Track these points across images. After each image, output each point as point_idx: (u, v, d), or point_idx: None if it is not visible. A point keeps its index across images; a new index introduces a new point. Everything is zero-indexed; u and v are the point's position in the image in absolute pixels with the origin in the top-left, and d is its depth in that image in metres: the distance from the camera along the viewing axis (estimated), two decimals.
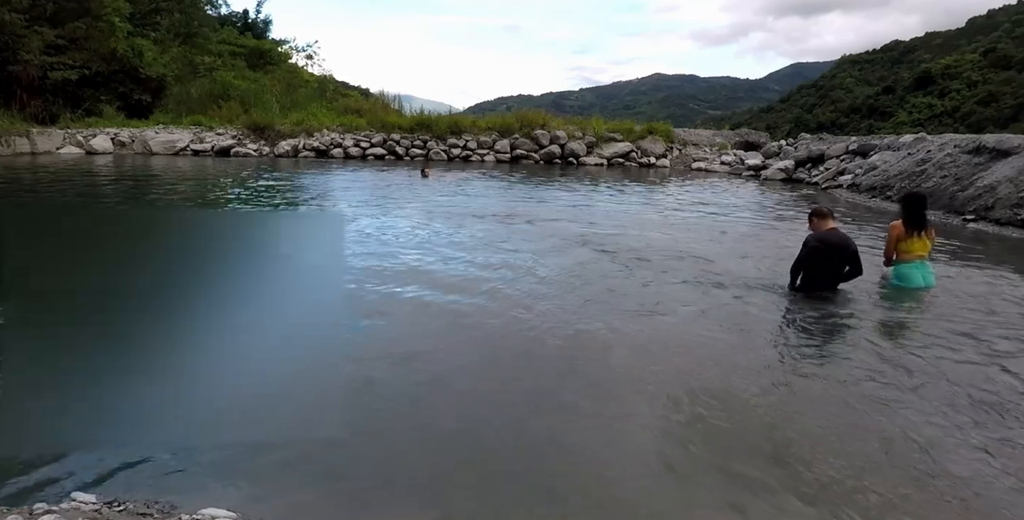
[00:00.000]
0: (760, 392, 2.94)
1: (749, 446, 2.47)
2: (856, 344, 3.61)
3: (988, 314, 4.18)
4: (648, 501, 2.13)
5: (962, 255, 6.26)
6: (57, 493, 2.00)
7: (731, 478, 2.25)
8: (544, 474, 2.27)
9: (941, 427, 2.63)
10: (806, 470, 2.29)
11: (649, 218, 8.25)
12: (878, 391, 2.97)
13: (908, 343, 3.68)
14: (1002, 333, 3.80)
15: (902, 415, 2.73)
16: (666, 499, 2.15)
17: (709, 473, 2.28)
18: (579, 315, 3.98)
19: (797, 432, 2.58)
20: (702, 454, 2.41)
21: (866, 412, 2.76)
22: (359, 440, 2.47)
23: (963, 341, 3.65)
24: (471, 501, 2.10)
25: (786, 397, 2.91)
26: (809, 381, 3.10)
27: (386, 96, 22.60)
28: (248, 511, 1.93)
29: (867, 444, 2.49)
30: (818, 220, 4.64)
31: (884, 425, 2.64)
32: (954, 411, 2.77)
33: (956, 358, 3.40)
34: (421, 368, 3.15)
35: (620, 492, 2.18)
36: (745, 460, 2.36)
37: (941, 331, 3.82)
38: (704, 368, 3.21)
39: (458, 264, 5.26)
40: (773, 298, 4.47)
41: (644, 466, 2.34)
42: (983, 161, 9.41)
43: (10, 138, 14.37)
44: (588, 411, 2.75)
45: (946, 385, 3.05)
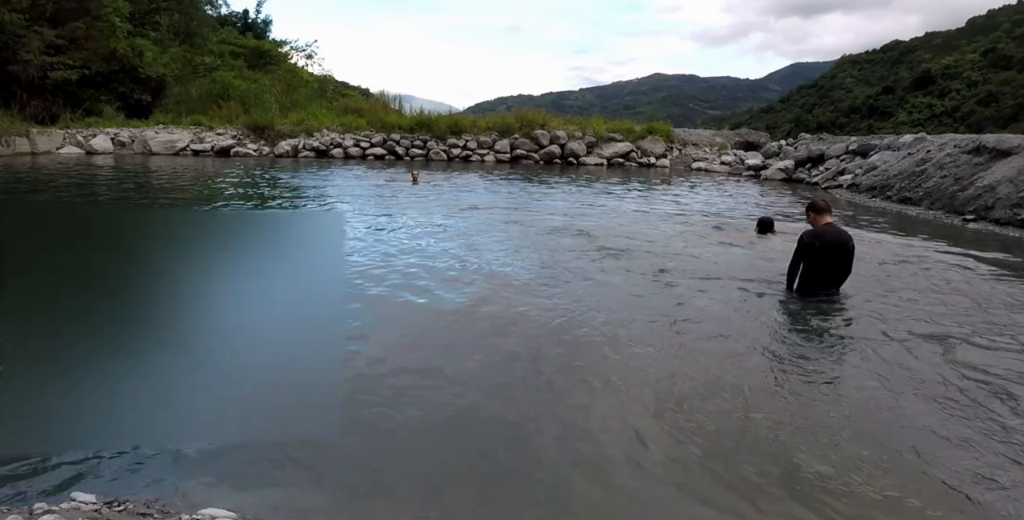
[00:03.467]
0: (757, 391, 2.94)
1: (750, 455, 2.47)
2: (849, 340, 3.61)
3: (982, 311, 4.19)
4: (649, 500, 2.13)
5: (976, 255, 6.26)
6: (57, 493, 2.00)
7: (738, 489, 2.25)
8: (544, 473, 2.27)
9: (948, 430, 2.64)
10: (806, 465, 2.29)
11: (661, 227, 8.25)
12: (874, 390, 2.97)
13: (892, 337, 3.68)
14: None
15: (901, 412, 2.74)
16: (666, 499, 2.16)
17: (711, 475, 2.28)
18: (577, 312, 3.98)
19: (794, 428, 2.58)
20: (704, 455, 2.41)
21: (864, 412, 2.77)
22: (359, 440, 2.47)
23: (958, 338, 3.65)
24: (471, 501, 2.10)
25: (783, 394, 2.91)
26: (808, 381, 3.10)
27: (386, 96, 22.62)
28: (248, 511, 1.94)
29: (872, 449, 2.50)
30: (815, 215, 4.45)
31: (884, 425, 2.65)
32: (954, 410, 2.78)
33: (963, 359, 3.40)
34: (421, 367, 3.15)
35: (621, 492, 2.18)
36: (751, 474, 2.36)
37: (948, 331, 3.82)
38: (703, 369, 3.22)
39: (450, 262, 5.26)
40: (772, 301, 4.47)
41: (645, 464, 2.34)
42: (983, 161, 9.41)
43: (10, 138, 14.37)
44: (588, 409, 2.75)
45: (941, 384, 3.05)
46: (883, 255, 5.99)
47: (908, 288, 4.82)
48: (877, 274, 5.18)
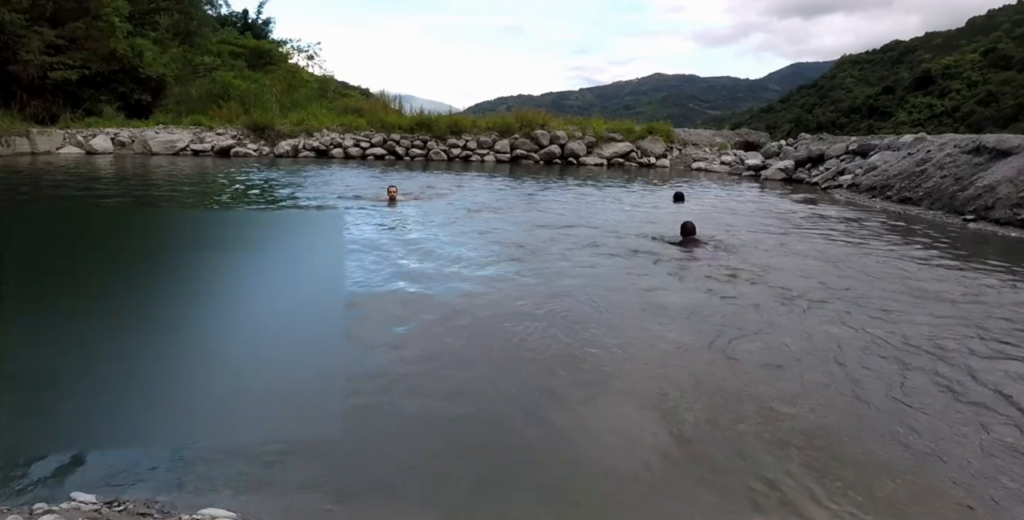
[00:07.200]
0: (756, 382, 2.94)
1: (750, 447, 2.47)
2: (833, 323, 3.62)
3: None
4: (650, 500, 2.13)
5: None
6: (57, 493, 2.00)
7: (741, 493, 2.25)
8: (544, 473, 2.27)
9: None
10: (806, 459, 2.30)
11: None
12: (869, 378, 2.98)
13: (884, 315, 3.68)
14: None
15: (901, 410, 2.74)
16: (667, 498, 2.16)
17: (712, 476, 2.28)
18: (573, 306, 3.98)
19: (795, 425, 2.58)
20: (704, 453, 2.41)
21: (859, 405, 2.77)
22: (359, 439, 2.47)
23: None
24: (471, 501, 2.10)
25: (788, 387, 2.92)
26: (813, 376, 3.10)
27: (386, 96, 22.58)
28: (248, 511, 1.94)
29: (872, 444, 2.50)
30: None
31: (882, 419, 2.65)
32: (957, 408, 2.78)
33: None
34: (421, 367, 3.15)
35: (621, 493, 2.18)
36: (754, 463, 2.36)
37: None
38: (706, 365, 3.22)
39: (450, 261, 5.26)
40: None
41: (645, 465, 2.34)
42: (983, 161, 9.41)
43: (10, 138, 14.35)
44: (587, 409, 2.75)
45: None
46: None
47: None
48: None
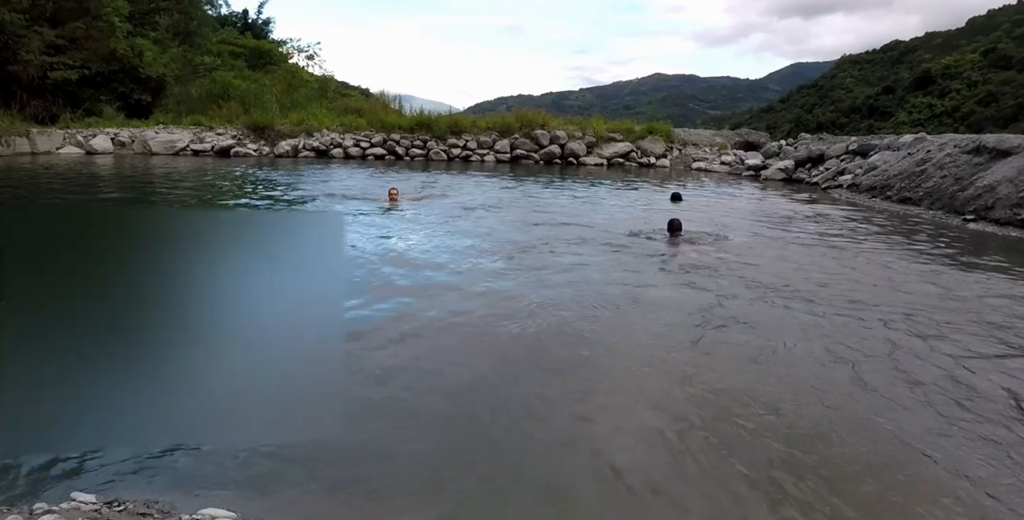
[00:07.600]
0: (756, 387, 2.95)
1: (758, 454, 2.47)
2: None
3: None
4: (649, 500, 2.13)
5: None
6: (57, 493, 2.00)
7: (744, 493, 2.25)
8: (545, 474, 2.27)
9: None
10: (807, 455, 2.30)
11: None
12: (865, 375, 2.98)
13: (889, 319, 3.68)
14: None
15: (899, 408, 2.74)
16: (666, 498, 2.16)
17: (712, 472, 2.28)
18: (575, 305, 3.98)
19: (795, 424, 2.58)
20: (706, 451, 2.41)
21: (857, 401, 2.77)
22: (358, 440, 2.47)
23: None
24: (471, 501, 2.10)
25: (784, 389, 2.92)
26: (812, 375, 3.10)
27: (386, 96, 22.58)
28: (248, 511, 1.93)
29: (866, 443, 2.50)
30: None
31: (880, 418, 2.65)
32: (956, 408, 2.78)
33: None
34: (421, 367, 3.15)
35: (622, 492, 2.18)
36: (756, 472, 2.36)
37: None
38: (708, 366, 3.22)
39: (451, 261, 5.26)
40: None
41: (648, 463, 2.34)
42: (983, 161, 9.41)
43: (10, 138, 14.35)
44: (589, 409, 2.75)
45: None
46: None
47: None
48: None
